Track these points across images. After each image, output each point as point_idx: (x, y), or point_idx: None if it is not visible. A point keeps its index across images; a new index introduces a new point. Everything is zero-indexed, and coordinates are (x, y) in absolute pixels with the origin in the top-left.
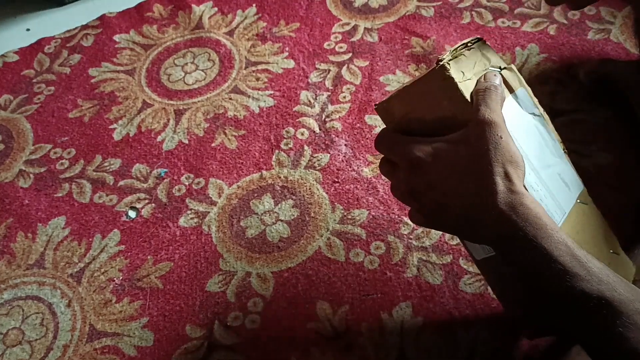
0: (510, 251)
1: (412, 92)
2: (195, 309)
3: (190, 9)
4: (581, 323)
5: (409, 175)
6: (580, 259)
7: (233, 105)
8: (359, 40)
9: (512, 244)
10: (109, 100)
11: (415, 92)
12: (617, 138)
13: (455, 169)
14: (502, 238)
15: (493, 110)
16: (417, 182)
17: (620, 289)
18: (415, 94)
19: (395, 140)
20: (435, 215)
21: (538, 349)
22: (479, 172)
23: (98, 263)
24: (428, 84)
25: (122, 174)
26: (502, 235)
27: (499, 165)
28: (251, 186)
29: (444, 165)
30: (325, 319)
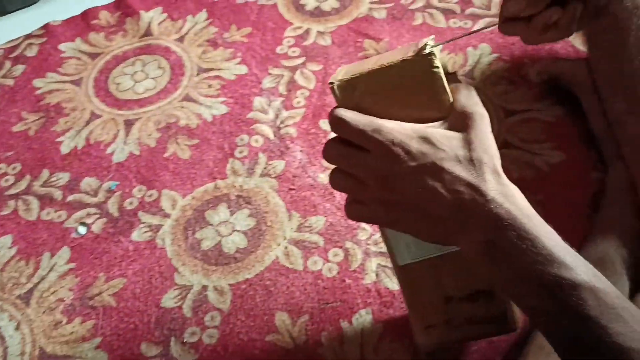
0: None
1: (384, 75)
2: (151, 326)
3: (138, 15)
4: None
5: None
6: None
7: (185, 113)
8: (312, 44)
9: (506, 234)
10: (55, 112)
11: (389, 77)
12: (568, 136)
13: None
14: (497, 228)
15: (479, 103)
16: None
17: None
18: (388, 79)
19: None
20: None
21: (498, 350)
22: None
23: (47, 283)
24: (407, 71)
25: (70, 189)
26: (497, 226)
27: (490, 158)
28: (206, 196)
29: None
30: (284, 330)
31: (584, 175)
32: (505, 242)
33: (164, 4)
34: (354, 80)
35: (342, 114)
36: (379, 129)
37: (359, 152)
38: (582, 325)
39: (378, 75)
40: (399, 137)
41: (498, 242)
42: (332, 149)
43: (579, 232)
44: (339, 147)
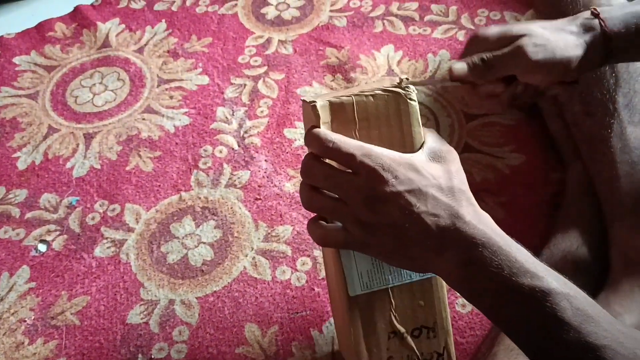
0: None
1: (364, 103)
2: (117, 343)
3: (95, 27)
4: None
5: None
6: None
7: (147, 125)
8: (274, 53)
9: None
10: (10, 127)
11: (368, 105)
12: (527, 139)
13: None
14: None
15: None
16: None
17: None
18: (366, 107)
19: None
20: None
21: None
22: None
23: (7, 303)
24: (386, 101)
25: (29, 206)
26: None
27: (466, 188)
28: (170, 209)
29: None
30: (254, 341)
31: (544, 175)
32: (482, 259)
33: (122, 15)
34: (335, 103)
35: (331, 137)
36: (368, 153)
37: (346, 173)
38: (558, 328)
39: (358, 102)
40: (388, 162)
41: (475, 259)
42: (315, 167)
43: (541, 231)
44: (322, 167)
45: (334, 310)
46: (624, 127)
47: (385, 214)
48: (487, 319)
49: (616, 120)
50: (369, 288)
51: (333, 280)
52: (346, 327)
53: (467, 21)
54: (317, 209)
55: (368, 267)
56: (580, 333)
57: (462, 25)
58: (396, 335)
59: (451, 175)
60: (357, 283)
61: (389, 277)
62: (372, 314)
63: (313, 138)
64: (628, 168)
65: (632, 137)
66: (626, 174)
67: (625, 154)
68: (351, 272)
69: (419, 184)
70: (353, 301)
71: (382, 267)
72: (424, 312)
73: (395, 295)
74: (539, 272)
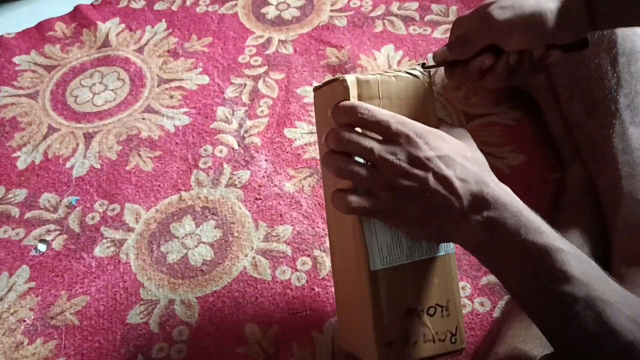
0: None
1: (387, 83)
2: (116, 343)
3: (95, 26)
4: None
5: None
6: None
7: (147, 125)
8: (274, 53)
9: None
10: (10, 127)
11: (391, 85)
12: (527, 139)
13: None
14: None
15: None
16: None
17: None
18: (389, 86)
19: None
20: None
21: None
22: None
23: (6, 303)
24: (408, 82)
25: (28, 205)
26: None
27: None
28: (170, 209)
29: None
30: (254, 341)
31: (544, 176)
32: (503, 220)
33: (122, 15)
34: (362, 80)
35: (367, 105)
36: (402, 121)
37: (380, 140)
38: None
39: (382, 80)
40: (420, 130)
41: (497, 220)
42: (349, 135)
43: None
44: (356, 134)
45: (342, 294)
46: (626, 128)
47: (417, 178)
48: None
49: (617, 120)
50: (388, 263)
51: (348, 258)
52: (360, 306)
53: None
54: (349, 174)
55: (388, 242)
56: (588, 288)
57: None
58: (413, 312)
59: (473, 148)
60: (377, 257)
61: (407, 253)
62: (390, 290)
63: (347, 108)
64: (629, 169)
65: (634, 138)
66: (627, 175)
67: (627, 154)
68: (372, 246)
69: (448, 151)
70: (373, 276)
71: (400, 242)
72: (438, 290)
73: (412, 272)
74: (552, 234)
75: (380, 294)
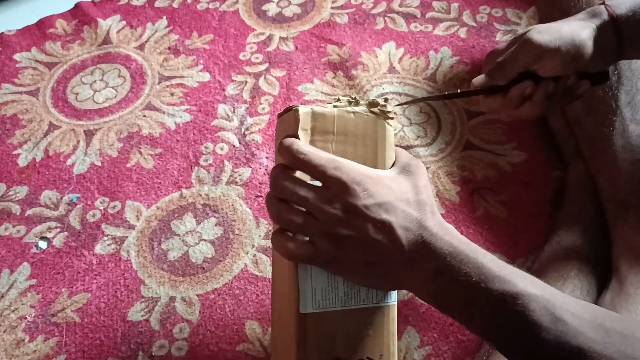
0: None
1: (344, 118)
2: (117, 341)
3: (96, 23)
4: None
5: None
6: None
7: (147, 122)
8: (275, 50)
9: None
10: (11, 124)
11: (348, 121)
12: (529, 136)
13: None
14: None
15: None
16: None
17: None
18: (346, 122)
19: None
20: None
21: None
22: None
23: (7, 300)
24: (366, 120)
25: (29, 203)
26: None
27: (432, 201)
28: (171, 206)
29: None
30: (255, 339)
31: (546, 173)
32: (450, 269)
33: (122, 12)
34: (317, 113)
35: (303, 148)
36: (339, 166)
37: (316, 187)
38: (529, 330)
39: (339, 116)
40: (358, 176)
41: (444, 270)
42: (285, 179)
43: (542, 229)
44: (292, 179)
45: (275, 330)
46: (626, 125)
47: (356, 227)
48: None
49: (618, 118)
50: (320, 307)
51: (283, 295)
52: (287, 347)
53: (468, 18)
54: (286, 222)
55: (323, 285)
56: (551, 334)
57: (464, 22)
58: None
59: (418, 190)
60: (309, 300)
61: (343, 299)
62: (318, 335)
63: (285, 147)
64: (630, 166)
65: (634, 135)
66: (628, 172)
67: (627, 152)
68: (305, 288)
69: (389, 197)
70: (302, 319)
71: (337, 287)
72: (371, 342)
73: (345, 320)
74: (507, 276)
75: (308, 337)
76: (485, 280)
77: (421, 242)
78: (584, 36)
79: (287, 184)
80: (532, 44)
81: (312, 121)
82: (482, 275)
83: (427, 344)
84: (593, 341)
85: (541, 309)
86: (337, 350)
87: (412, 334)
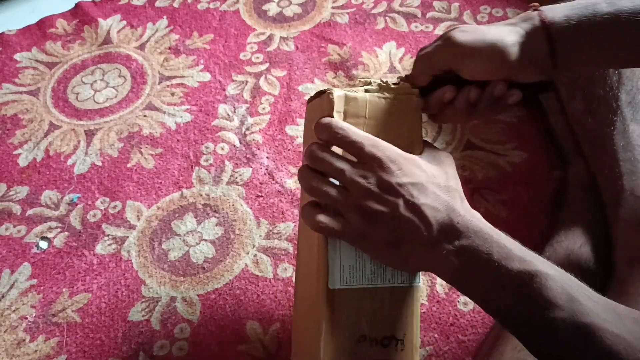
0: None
1: (380, 105)
2: (118, 341)
3: (96, 23)
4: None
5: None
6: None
7: (148, 122)
8: (275, 50)
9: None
10: (11, 124)
11: (379, 104)
12: (529, 136)
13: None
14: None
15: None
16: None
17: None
18: (378, 106)
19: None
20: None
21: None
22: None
23: (8, 300)
24: (397, 103)
25: (30, 203)
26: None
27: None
28: (171, 206)
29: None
30: (256, 339)
31: (546, 173)
32: (474, 247)
33: (123, 12)
34: (350, 97)
35: (342, 124)
36: (376, 144)
37: (353, 162)
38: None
39: (371, 100)
40: (394, 155)
41: (468, 248)
42: (323, 153)
43: (542, 229)
44: (330, 153)
45: (299, 309)
46: (627, 125)
47: (388, 203)
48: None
49: (619, 117)
50: (348, 284)
51: (309, 275)
52: (314, 323)
53: (469, 18)
54: (319, 194)
55: (351, 263)
56: (566, 311)
57: (465, 22)
58: (365, 339)
59: (448, 177)
60: (337, 276)
61: (369, 277)
62: (345, 312)
63: (324, 125)
64: (631, 166)
65: (635, 135)
66: (629, 171)
67: (628, 151)
68: (334, 264)
69: (422, 178)
70: (329, 295)
71: (364, 265)
72: (396, 322)
73: (372, 298)
74: (526, 257)
75: (335, 313)
76: (506, 258)
77: (449, 224)
78: (508, 41)
79: (325, 155)
80: (452, 42)
81: (344, 104)
82: (504, 254)
83: (427, 344)
84: (605, 321)
85: (557, 287)
86: (362, 328)
87: None
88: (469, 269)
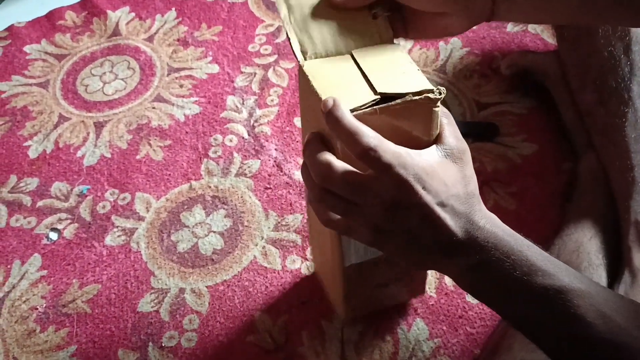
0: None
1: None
2: (127, 331)
3: (105, 15)
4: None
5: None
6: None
7: (157, 114)
8: (284, 42)
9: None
10: (21, 116)
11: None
12: (539, 128)
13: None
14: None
15: (461, 136)
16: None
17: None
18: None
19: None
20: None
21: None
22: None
23: (19, 291)
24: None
25: (40, 194)
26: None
27: (477, 191)
28: (180, 198)
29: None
30: (264, 330)
31: (556, 165)
32: (493, 261)
33: (132, 3)
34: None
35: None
36: (404, 164)
37: (370, 179)
38: (573, 325)
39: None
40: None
41: (487, 262)
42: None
43: (552, 222)
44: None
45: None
46: (639, 117)
47: (404, 221)
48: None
49: (631, 109)
50: (362, 259)
51: (325, 245)
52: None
53: None
54: (330, 207)
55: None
56: (596, 329)
57: None
58: (380, 285)
59: (467, 180)
60: (352, 255)
61: None
62: (361, 276)
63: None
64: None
65: None
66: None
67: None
68: (348, 246)
69: (443, 195)
70: (347, 269)
71: None
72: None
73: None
74: (550, 270)
75: (351, 280)
76: (529, 273)
77: (467, 237)
78: None
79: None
80: None
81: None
82: (525, 267)
83: (436, 336)
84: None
85: (586, 304)
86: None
87: (421, 326)
88: (488, 282)
